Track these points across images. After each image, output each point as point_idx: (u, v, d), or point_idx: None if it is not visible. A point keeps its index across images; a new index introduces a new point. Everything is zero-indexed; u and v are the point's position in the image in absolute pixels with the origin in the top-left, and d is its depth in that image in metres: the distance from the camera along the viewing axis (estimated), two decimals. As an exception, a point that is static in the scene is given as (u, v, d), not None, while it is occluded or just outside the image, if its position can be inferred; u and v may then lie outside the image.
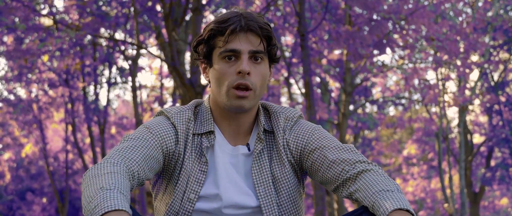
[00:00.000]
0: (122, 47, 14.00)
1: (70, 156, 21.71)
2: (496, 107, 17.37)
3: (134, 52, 15.08)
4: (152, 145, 2.21)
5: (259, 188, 2.29)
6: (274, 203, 2.29)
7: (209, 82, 2.32)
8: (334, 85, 16.15)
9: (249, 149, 2.33)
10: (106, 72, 16.98)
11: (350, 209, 18.59)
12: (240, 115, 2.30)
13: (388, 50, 10.63)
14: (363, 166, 2.17)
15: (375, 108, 18.91)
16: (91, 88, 17.04)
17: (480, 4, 15.05)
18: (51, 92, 17.05)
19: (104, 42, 14.35)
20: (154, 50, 17.53)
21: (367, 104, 17.84)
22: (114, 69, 16.98)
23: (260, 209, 2.30)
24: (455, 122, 21.13)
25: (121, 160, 2.10)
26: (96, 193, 1.92)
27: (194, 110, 2.36)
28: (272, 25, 12.80)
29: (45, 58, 13.03)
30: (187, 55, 14.67)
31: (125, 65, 18.66)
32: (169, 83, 18.34)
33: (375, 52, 10.92)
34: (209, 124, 2.31)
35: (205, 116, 2.34)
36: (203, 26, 14.07)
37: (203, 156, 2.29)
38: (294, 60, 13.89)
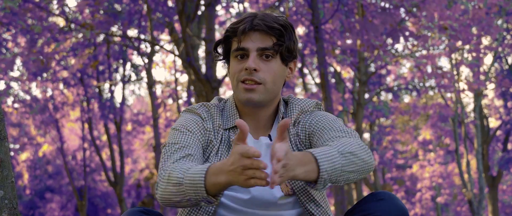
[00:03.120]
0: (136, 44, 14.07)
1: (88, 154, 21.84)
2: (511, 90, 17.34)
3: (149, 49, 15.16)
4: (196, 145, 2.31)
5: None
6: (305, 187, 2.36)
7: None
8: (347, 74, 16.17)
9: (271, 140, 2.40)
10: (120, 70, 17.07)
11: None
12: (259, 110, 2.39)
13: (401, 39, 10.62)
14: (342, 135, 2.26)
15: (389, 96, 18.91)
16: (106, 85, 17.15)
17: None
18: (66, 91, 17.16)
19: (117, 39, 14.43)
20: (168, 46, 17.61)
21: (382, 92, 17.84)
22: (128, 66, 17.07)
23: (286, 199, 2.37)
24: (470, 107, 21.11)
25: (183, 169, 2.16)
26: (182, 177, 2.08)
27: (219, 106, 2.46)
28: (284, 16, 12.85)
29: (60, 55, 13.13)
30: (201, 50, 14.73)
31: (139, 61, 18.74)
32: (183, 78, 18.40)
33: (389, 41, 10.93)
34: (235, 118, 2.40)
35: (230, 111, 2.43)
36: (216, 20, 14.15)
37: (231, 149, 2.36)
38: (306, 51, 13.91)
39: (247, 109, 2.39)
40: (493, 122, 21.17)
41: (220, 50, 2.44)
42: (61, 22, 14.08)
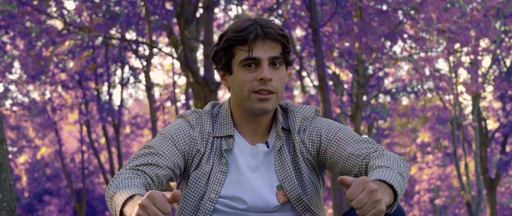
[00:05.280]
0: (134, 47, 14.07)
1: (86, 156, 21.82)
2: (510, 92, 17.35)
3: (147, 51, 15.16)
4: (171, 153, 2.30)
5: (284, 183, 2.35)
6: (301, 196, 2.36)
7: (228, 88, 2.40)
8: (345, 77, 16.18)
9: (268, 147, 2.40)
10: (119, 72, 17.08)
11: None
12: (260, 117, 2.38)
13: (399, 41, 10.64)
14: (378, 154, 2.23)
15: (388, 98, 18.93)
16: (104, 88, 17.14)
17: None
18: (64, 94, 17.16)
19: (115, 42, 14.43)
20: (166, 48, 17.61)
21: (380, 95, 17.86)
22: (126, 69, 17.07)
23: (282, 207, 2.37)
24: (469, 109, 21.11)
25: (136, 176, 2.19)
26: (116, 199, 2.07)
27: (211, 113, 2.45)
28: (282, 19, 12.85)
29: (59, 58, 13.14)
30: (199, 53, 14.73)
31: (137, 64, 18.73)
32: (181, 80, 18.38)
33: (387, 44, 10.95)
34: (229, 128, 2.40)
35: (224, 119, 2.42)
36: (215, 23, 14.16)
37: (223, 157, 2.37)
38: (303, 54, 13.92)
39: (248, 116, 2.39)
40: (491, 125, 21.18)
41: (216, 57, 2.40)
42: (59, 25, 14.09)
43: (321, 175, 2.45)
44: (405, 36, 10.57)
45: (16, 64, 14.65)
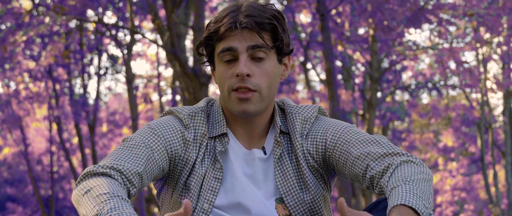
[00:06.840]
0: (113, 32, 14.07)
1: (56, 158, 21.82)
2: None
3: (128, 38, 15.17)
4: (156, 151, 2.27)
5: (286, 196, 2.35)
6: (305, 211, 2.37)
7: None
8: (362, 60, 16.17)
9: (265, 153, 2.40)
10: (95, 61, 17.07)
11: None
12: (253, 118, 2.36)
13: (423, 26, 10.63)
14: (390, 160, 2.19)
15: (406, 95, 18.94)
16: (78, 80, 17.13)
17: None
18: (32, 85, 17.14)
19: (92, 27, 14.42)
20: (150, 35, 17.62)
21: (397, 91, 17.87)
22: (104, 57, 17.06)
23: None
24: (499, 110, 21.15)
25: (116, 171, 2.15)
26: (103, 199, 1.98)
27: (206, 111, 2.43)
28: (285, 2, 12.87)
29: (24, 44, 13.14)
30: (189, 40, 14.74)
31: (117, 52, 18.72)
32: (167, 72, 18.33)
33: (408, 29, 10.93)
34: (222, 126, 2.38)
35: (217, 117, 2.41)
36: (206, 6, 14.16)
37: (218, 162, 2.35)
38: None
39: (239, 117, 2.37)
40: (525, 128, 21.21)
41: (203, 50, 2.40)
42: (27, 5, 14.09)
43: (329, 182, 2.45)
44: (431, 18, 10.50)
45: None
